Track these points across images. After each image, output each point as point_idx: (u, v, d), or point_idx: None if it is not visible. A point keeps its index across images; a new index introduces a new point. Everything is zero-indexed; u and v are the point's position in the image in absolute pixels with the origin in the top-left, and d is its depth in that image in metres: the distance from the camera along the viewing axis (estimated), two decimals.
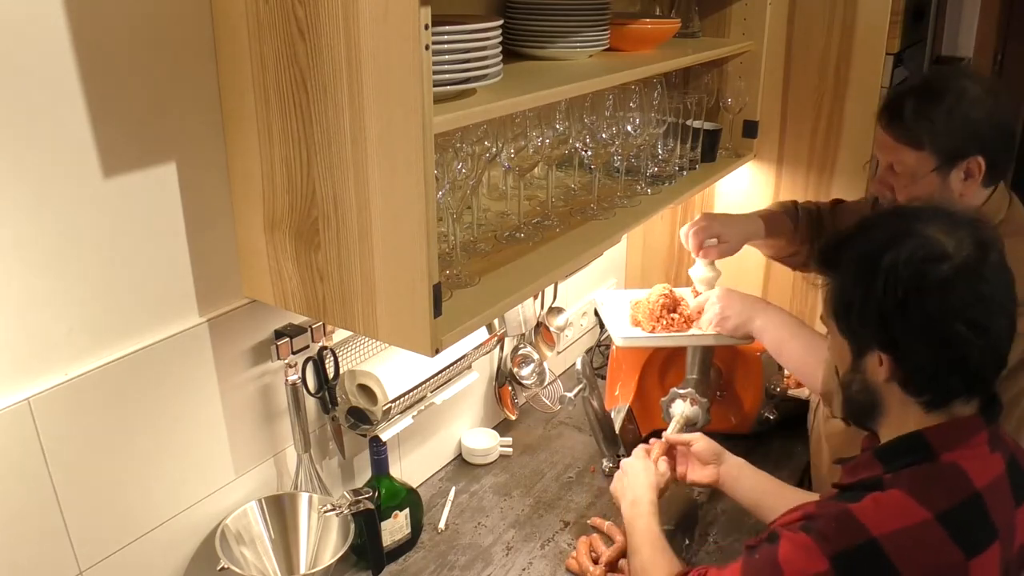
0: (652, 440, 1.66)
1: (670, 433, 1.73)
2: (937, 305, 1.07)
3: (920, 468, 1.11)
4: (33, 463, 1.14)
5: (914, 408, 1.14)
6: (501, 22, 1.26)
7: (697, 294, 1.89)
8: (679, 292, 1.93)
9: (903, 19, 2.08)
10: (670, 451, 1.64)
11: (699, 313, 1.83)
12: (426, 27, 1.00)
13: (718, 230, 1.83)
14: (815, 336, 1.66)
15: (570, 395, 1.95)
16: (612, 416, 1.95)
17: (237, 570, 1.35)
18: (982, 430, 1.12)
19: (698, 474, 1.60)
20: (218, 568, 1.35)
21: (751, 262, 2.21)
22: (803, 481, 1.93)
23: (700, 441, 1.61)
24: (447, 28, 1.15)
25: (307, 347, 1.49)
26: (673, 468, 1.62)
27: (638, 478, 1.56)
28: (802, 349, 1.66)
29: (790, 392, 2.10)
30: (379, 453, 1.58)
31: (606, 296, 2.04)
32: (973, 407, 1.13)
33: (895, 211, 1.21)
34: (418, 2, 0.98)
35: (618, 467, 1.89)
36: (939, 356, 1.09)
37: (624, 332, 1.87)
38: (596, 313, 2.34)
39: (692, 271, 1.90)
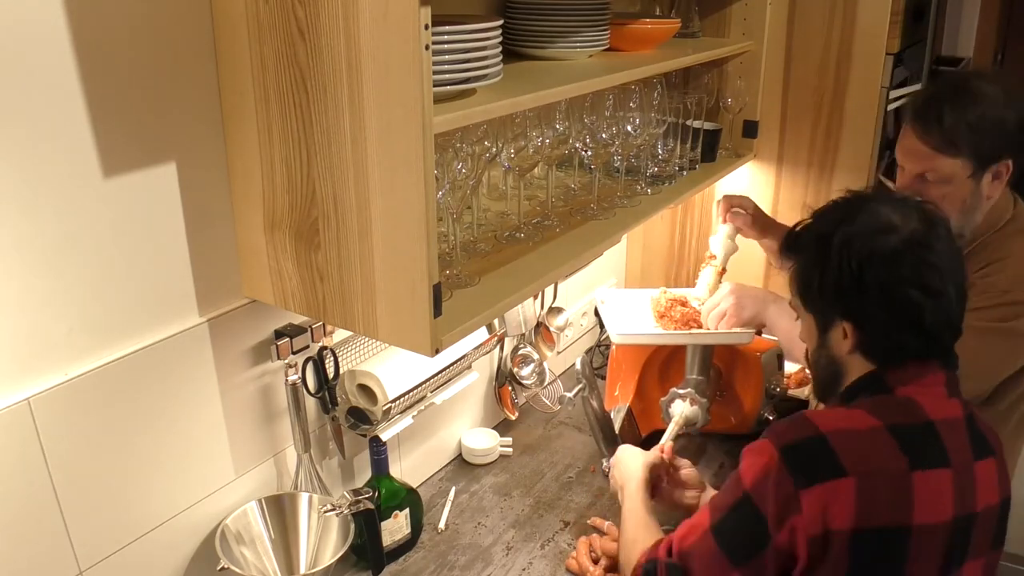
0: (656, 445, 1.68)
1: (669, 434, 1.74)
2: (888, 273, 1.16)
3: (877, 398, 1.20)
4: (33, 463, 1.14)
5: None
6: (501, 22, 1.26)
7: (713, 258, 1.94)
8: (679, 292, 1.94)
9: (903, 19, 2.08)
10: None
11: (710, 309, 1.84)
12: (426, 27, 1.00)
13: (749, 204, 1.95)
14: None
15: (570, 395, 1.95)
16: (612, 416, 1.95)
17: (237, 570, 1.35)
18: (938, 372, 1.20)
19: (679, 496, 1.63)
20: (218, 568, 1.35)
21: (752, 260, 2.21)
22: None
23: (688, 468, 1.65)
24: (447, 28, 1.15)
25: (307, 347, 1.49)
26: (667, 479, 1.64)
27: (628, 463, 1.60)
28: None
29: (790, 392, 2.10)
30: (379, 453, 1.58)
31: (607, 294, 2.04)
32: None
33: (848, 196, 1.28)
34: (418, 2, 0.98)
35: None
36: (894, 319, 1.18)
37: (621, 329, 1.87)
38: (596, 312, 2.34)
39: (712, 239, 1.96)
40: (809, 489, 1.10)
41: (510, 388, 2.09)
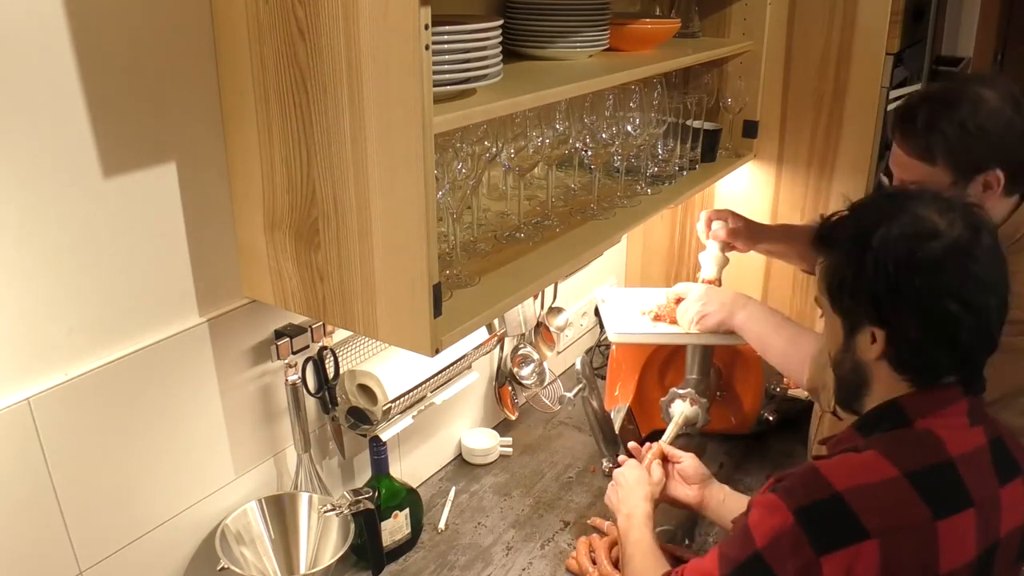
0: (646, 444, 1.66)
1: (669, 434, 1.73)
2: (928, 282, 1.08)
3: (895, 433, 1.13)
4: (33, 463, 1.14)
5: (902, 387, 1.15)
6: (501, 22, 1.26)
7: (707, 283, 1.91)
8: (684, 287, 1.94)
9: (903, 19, 2.08)
10: (663, 458, 1.64)
11: (683, 313, 1.82)
12: (426, 27, 1.00)
13: (727, 215, 1.90)
14: (799, 330, 1.65)
15: (570, 395, 1.95)
16: (612, 416, 1.95)
17: (237, 570, 1.35)
18: (960, 400, 1.13)
19: (680, 491, 1.59)
20: (218, 568, 1.35)
21: (752, 262, 2.21)
22: None
23: (689, 459, 1.61)
24: (447, 28, 1.15)
25: (307, 347, 1.49)
26: (666, 475, 1.61)
27: (633, 492, 1.54)
28: (785, 343, 1.64)
29: (790, 392, 2.10)
30: (379, 453, 1.58)
31: (608, 293, 2.04)
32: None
33: (889, 192, 1.24)
34: (418, 2, 0.98)
35: (619, 467, 1.89)
36: (929, 332, 1.10)
37: (618, 328, 1.87)
38: (596, 312, 2.34)
39: (702, 255, 1.94)
40: (831, 555, 1.03)
41: (510, 388, 2.09)
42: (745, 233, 1.93)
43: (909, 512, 1.05)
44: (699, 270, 2.00)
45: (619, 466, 1.89)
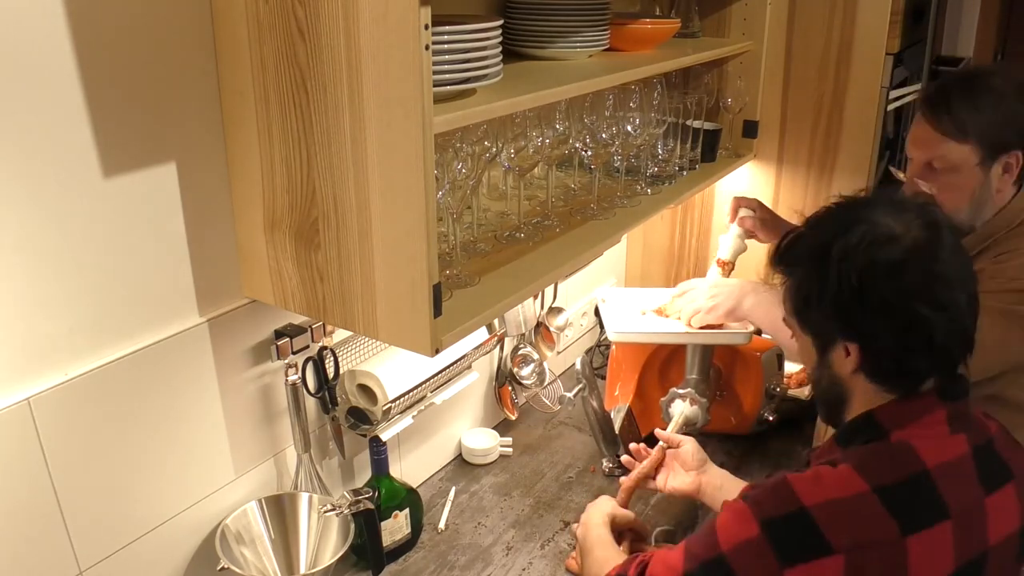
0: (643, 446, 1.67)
1: (669, 432, 1.73)
2: (892, 287, 1.07)
3: (870, 446, 1.12)
4: (33, 463, 1.14)
5: (880, 398, 1.14)
6: (501, 22, 1.26)
7: (721, 263, 1.94)
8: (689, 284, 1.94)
9: (903, 19, 2.08)
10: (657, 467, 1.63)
11: (686, 305, 1.83)
12: (426, 27, 1.00)
13: (755, 205, 1.96)
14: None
15: (570, 395, 1.95)
16: (612, 416, 1.95)
17: (237, 570, 1.35)
18: (937, 409, 1.12)
19: (679, 480, 1.59)
20: (218, 568, 1.35)
21: (752, 260, 2.21)
22: None
23: (688, 444, 1.61)
24: (447, 28, 1.15)
25: (307, 347, 1.49)
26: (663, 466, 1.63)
27: (591, 514, 1.52)
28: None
29: (790, 392, 2.10)
30: (379, 453, 1.58)
31: (608, 293, 2.05)
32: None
33: (842, 203, 1.20)
34: (418, 2, 0.98)
35: (619, 466, 1.90)
36: (902, 339, 1.09)
37: (618, 327, 1.88)
38: (596, 312, 2.34)
39: (722, 237, 1.96)
40: (794, 568, 1.04)
41: (510, 388, 2.09)
42: (771, 225, 1.96)
43: (877, 527, 1.04)
44: (699, 269, 2.01)
45: (620, 465, 1.90)
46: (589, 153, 1.64)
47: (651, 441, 1.72)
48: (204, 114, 1.24)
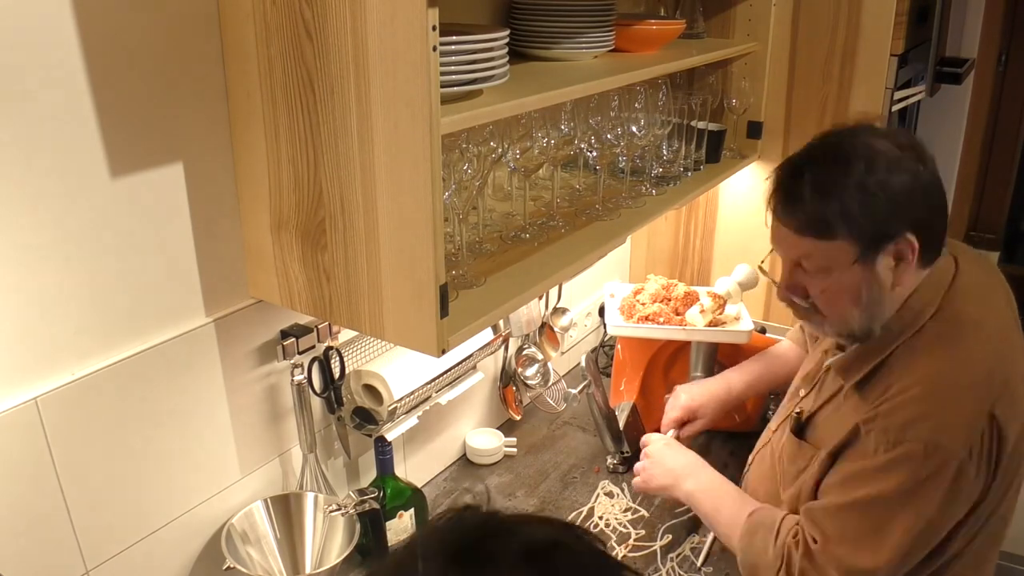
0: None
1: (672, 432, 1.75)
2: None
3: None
4: (40, 462, 1.14)
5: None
6: (508, 32, 1.26)
7: (711, 293, 1.92)
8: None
9: (907, 20, 2.08)
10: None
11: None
12: (433, 28, 1.00)
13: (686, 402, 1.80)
14: (747, 501, 1.50)
15: (574, 391, 1.96)
16: (616, 413, 1.95)
17: (243, 569, 1.35)
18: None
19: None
20: (224, 567, 1.35)
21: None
22: None
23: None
24: (454, 35, 1.15)
25: (313, 347, 1.49)
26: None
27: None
28: (735, 513, 1.47)
29: None
30: (384, 453, 1.59)
31: (616, 288, 2.06)
32: None
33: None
34: (425, 4, 0.98)
35: (623, 463, 1.90)
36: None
37: (617, 321, 1.89)
38: (600, 312, 2.35)
39: (721, 280, 1.95)
40: None
41: (514, 388, 2.09)
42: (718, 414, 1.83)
43: None
44: (703, 270, 2.02)
45: (624, 462, 1.91)
46: (594, 154, 1.64)
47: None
48: (211, 114, 1.25)
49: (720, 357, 1.98)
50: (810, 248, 1.28)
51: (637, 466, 1.68)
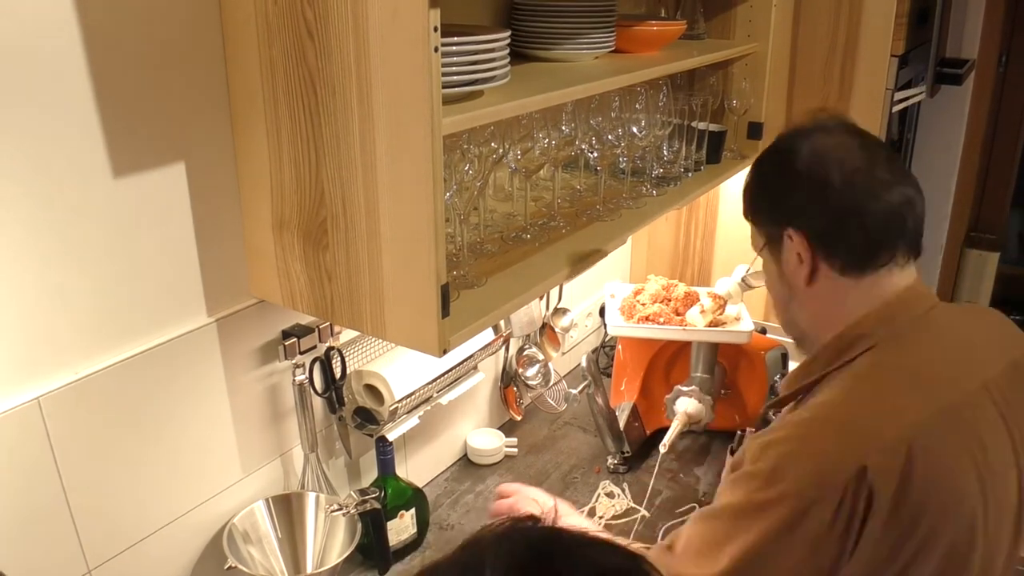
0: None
1: (673, 431, 1.74)
2: None
3: None
4: (42, 461, 1.15)
5: None
6: (509, 33, 1.26)
7: (712, 294, 1.91)
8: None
9: (908, 21, 2.09)
10: None
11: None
12: (435, 29, 1.01)
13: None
14: None
15: (575, 391, 1.96)
16: (617, 413, 1.96)
17: (244, 569, 1.36)
18: None
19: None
20: (225, 567, 1.36)
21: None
22: None
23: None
24: (456, 35, 1.16)
25: (314, 347, 1.49)
26: None
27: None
28: None
29: None
30: (385, 453, 1.59)
31: (617, 288, 2.07)
32: None
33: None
34: (427, 5, 0.99)
35: (623, 463, 1.90)
36: None
37: (618, 322, 1.90)
38: (601, 313, 2.35)
39: (721, 281, 1.93)
40: None
41: (515, 389, 2.09)
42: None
43: None
44: (703, 270, 2.02)
45: (624, 462, 1.90)
46: (595, 155, 1.64)
47: (656, 439, 1.73)
48: (213, 114, 1.25)
49: (720, 358, 1.98)
50: (750, 230, 1.30)
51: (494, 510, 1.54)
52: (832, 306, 1.19)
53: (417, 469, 1.85)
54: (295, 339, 1.45)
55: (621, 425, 1.93)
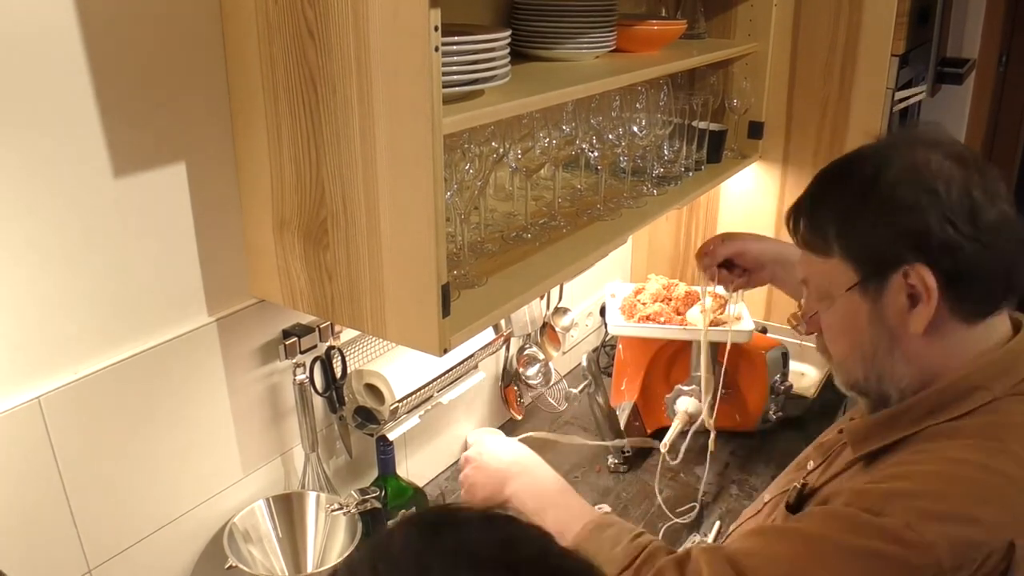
0: None
1: (674, 430, 1.74)
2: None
3: None
4: (43, 461, 1.15)
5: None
6: (509, 32, 1.26)
7: (715, 296, 1.91)
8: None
9: (908, 20, 2.09)
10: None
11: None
12: (436, 28, 1.01)
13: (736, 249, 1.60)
14: (581, 504, 1.39)
15: (575, 391, 1.96)
16: (617, 412, 1.96)
17: (245, 568, 1.36)
18: None
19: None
20: (226, 566, 1.36)
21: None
22: None
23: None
24: (456, 35, 1.16)
25: (315, 347, 1.49)
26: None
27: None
28: (564, 517, 1.33)
29: (795, 390, 2.10)
30: (386, 452, 1.59)
31: (618, 288, 2.06)
32: None
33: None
34: (428, 4, 0.99)
35: (623, 462, 1.90)
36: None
37: (618, 321, 1.90)
38: (601, 312, 2.35)
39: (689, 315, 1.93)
40: None
41: (515, 388, 2.09)
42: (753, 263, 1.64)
43: None
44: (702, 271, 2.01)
45: (624, 461, 1.90)
46: (595, 154, 1.64)
47: (657, 438, 1.72)
48: (213, 114, 1.25)
49: (721, 358, 1.98)
50: (810, 266, 1.11)
51: (460, 477, 1.55)
52: (942, 357, 1.03)
53: (417, 469, 1.85)
54: (296, 338, 1.45)
55: (622, 425, 1.93)
